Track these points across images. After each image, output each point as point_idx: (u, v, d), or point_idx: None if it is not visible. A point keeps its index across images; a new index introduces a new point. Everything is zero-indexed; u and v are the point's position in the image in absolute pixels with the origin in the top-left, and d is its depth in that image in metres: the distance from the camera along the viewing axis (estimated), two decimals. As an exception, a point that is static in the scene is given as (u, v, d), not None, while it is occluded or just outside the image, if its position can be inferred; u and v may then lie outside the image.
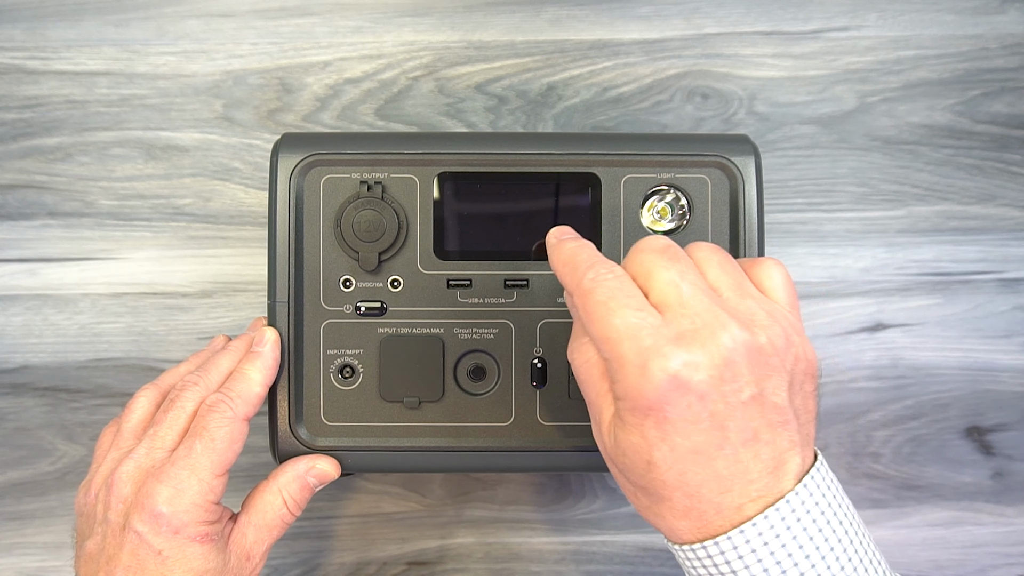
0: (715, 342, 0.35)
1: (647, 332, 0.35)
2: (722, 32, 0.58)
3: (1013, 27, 0.59)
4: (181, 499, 0.41)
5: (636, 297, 0.36)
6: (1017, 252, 0.59)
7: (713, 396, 0.35)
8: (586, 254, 0.39)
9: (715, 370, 0.35)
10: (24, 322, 0.57)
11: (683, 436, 0.35)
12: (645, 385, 0.35)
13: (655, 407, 0.35)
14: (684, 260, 0.38)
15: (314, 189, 0.48)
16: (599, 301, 0.36)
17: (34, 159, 0.57)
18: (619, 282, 0.37)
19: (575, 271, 0.38)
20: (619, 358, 0.35)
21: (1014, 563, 0.58)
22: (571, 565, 0.58)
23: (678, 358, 0.35)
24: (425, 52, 0.58)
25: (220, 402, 0.44)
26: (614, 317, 0.36)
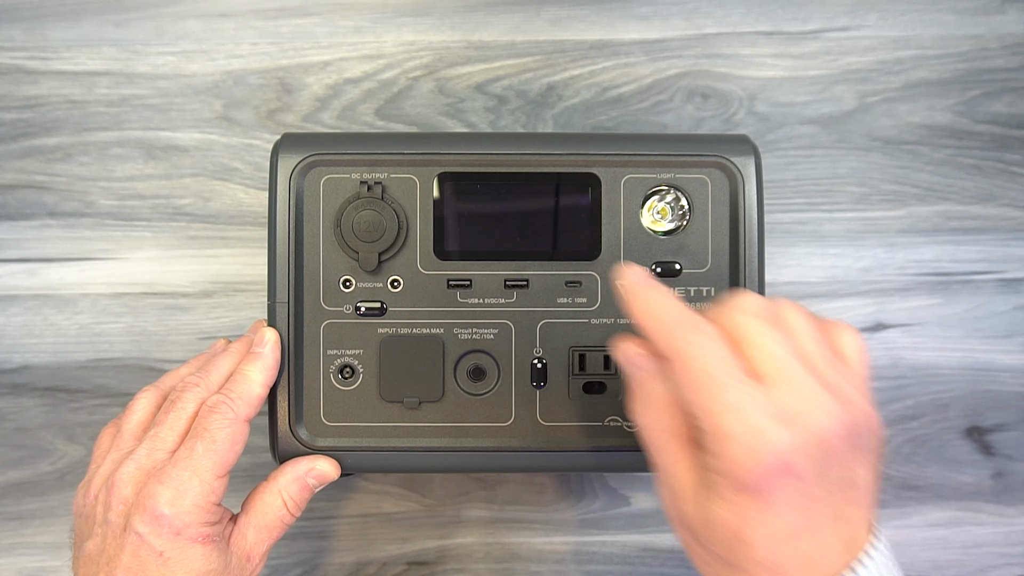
0: (818, 424, 0.35)
1: (754, 409, 0.34)
2: (722, 32, 0.58)
3: (1013, 27, 0.59)
4: (183, 500, 0.41)
5: (732, 365, 0.35)
6: (1017, 252, 0.59)
7: (814, 479, 0.35)
8: (674, 309, 0.37)
9: (819, 452, 0.35)
10: (24, 322, 0.57)
11: (781, 518, 0.35)
12: (752, 465, 0.34)
13: (761, 488, 0.34)
14: (780, 326, 0.37)
15: (314, 189, 0.48)
16: (703, 371, 0.35)
17: (34, 159, 0.57)
18: (721, 351, 0.36)
19: (670, 331, 0.37)
20: (724, 434, 0.34)
21: (1014, 563, 0.58)
22: (571, 565, 0.58)
23: (785, 440, 0.34)
24: (425, 52, 0.58)
25: (221, 403, 0.44)
26: (721, 391, 0.35)
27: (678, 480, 0.37)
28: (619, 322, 0.48)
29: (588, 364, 0.48)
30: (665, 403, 0.38)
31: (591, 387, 0.48)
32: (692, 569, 0.58)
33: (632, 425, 0.48)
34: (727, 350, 0.36)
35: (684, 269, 0.48)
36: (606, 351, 0.48)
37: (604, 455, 0.48)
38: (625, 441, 0.48)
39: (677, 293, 0.48)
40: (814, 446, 0.34)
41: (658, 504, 0.58)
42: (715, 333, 0.36)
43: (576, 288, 0.48)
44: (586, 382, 0.48)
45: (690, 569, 0.58)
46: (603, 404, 0.48)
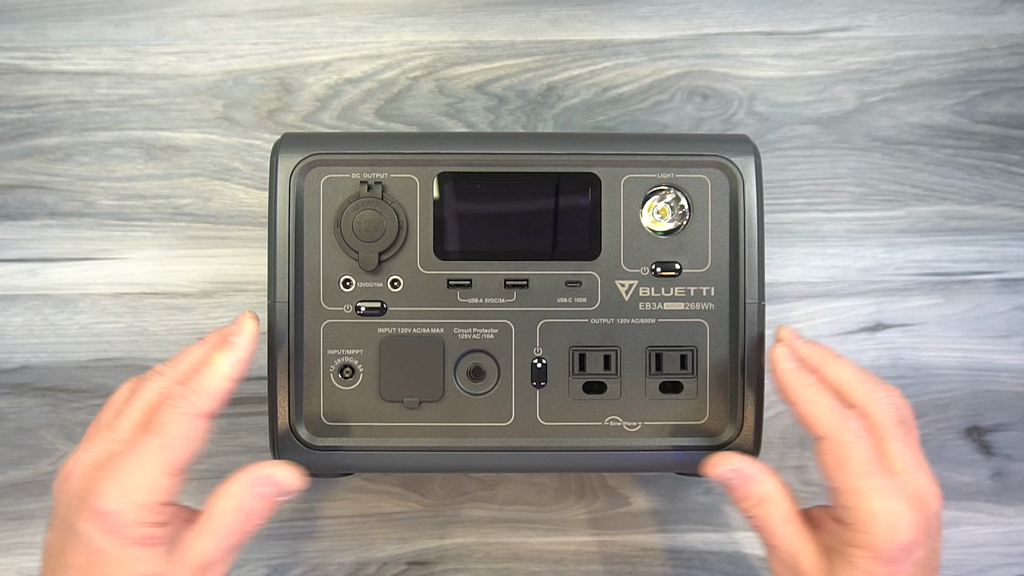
0: (931, 507, 0.42)
1: (896, 495, 0.41)
2: (722, 32, 0.58)
3: (1013, 27, 0.59)
4: (126, 497, 0.39)
5: (875, 460, 0.42)
6: (1017, 252, 0.59)
7: (927, 553, 0.41)
8: (832, 399, 0.43)
9: (931, 529, 0.42)
10: (24, 322, 0.57)
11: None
12: (895, 543, 0.40)
13: (897, 559, 0.40)
14: (911, 430, 0.44)
15: (314, 189, 0.48)
16: (859, 458, 0.41)
17: (34, 159, 0.57)
18: (868, 444, 0.42)
19: (831, 416, 0.42)
20: (872, 514, 0.40)
21: (1014, 563, 0.58)
22: (571, 565, 0.58)
23: (916, 522, 0.40)
24: (425, 52, 0.58)
25: (179, 396, 0.41)
26: (873, 476, 0.41)
27: (804, 558, 0.42)
28: (619, 322, 0.48)
29: (588, 364, 0.48)
30: (779, 495, 0.43)
31: (591, 387, 0.48)
32: (691, 569, 0.58)
33: (633, 425, 0.48)
34: (871, 442, 0.42)
35: (684, 269, 0.48)
36: (606, 351, 0.48)
37: (604, 455, 0.48)
38: (625, 441, 0.48)
39: (679, 291, 0.48)
40: (930, 526, 0.41)
41: (658, 504, 0.58)
42: (862, 427, 0.42)
43: (576, 288, 0.48)
44: (586, 382, 0.48)
45: (690, 569, 0.58)
46: (603, 404, 0.48)
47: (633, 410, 0.48)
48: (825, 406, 0.43)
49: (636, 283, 0.48)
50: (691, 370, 0.48)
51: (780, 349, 0.45)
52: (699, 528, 0.58)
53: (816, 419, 0.42)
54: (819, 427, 0.42)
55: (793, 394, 0.43)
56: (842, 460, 0.41)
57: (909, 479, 0.42)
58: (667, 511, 0.58)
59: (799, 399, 0.43)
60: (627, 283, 0.48)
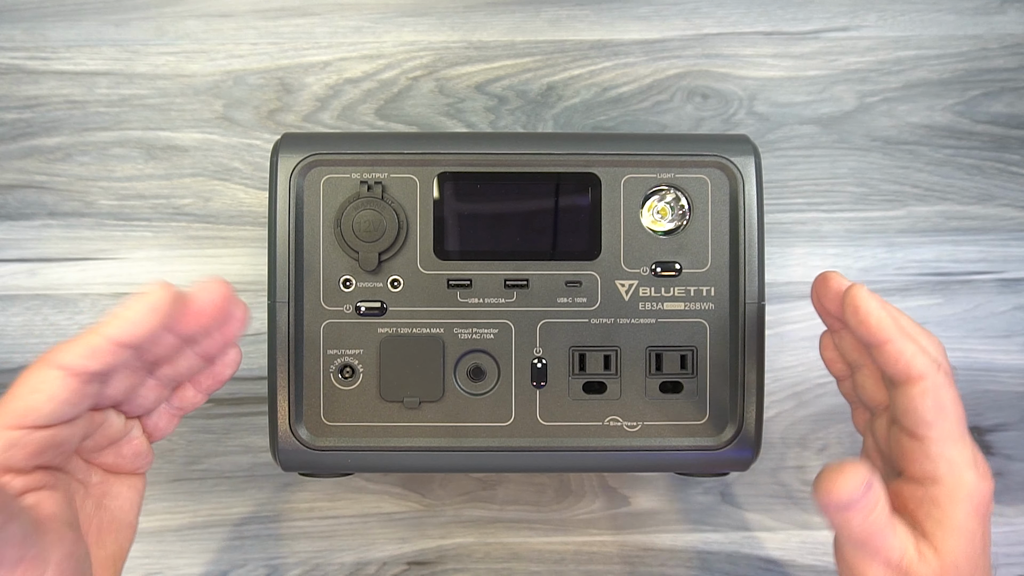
0: (990, 480, 0.39)
1: (973, 451, 0.39)
2: (722, 32, 0.58)
3: (1013, 27, 0.59)
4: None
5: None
6: (1017, 252, 0.59)
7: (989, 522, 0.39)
8: (922, 341, 0.40)
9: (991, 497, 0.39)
10: (24, 322, 0.57)
11: (989, 541, 0.39)
12: (987, 488, 0.38)
13: (988, 510, 0.38)
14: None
15: (314, 189, 0.48)
16: (955, 401, 0.39)
17: (34, 159, 0.57)
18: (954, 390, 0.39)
19: (930, 356, 0.39)
20: (967, 461, 0.38)
21: (1014, 563, 0.58)
22: (571, 565, 0.58)
23: (988, 479, 0.39)
24: (425, 52, 0.58)
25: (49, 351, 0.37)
26: (964, 423, 0.39)
27: (910, 549, 0.38)
28: (619, 322, 0.48)
29: (588, 364, 0.48)
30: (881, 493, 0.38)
31: (591, 387, 0.48)
32: (692, 569, 0.58)
33: (632, 425, 0.48)
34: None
35: (684, 269, 0.48)
36: (606, 351, 0.48)
37: (604, 455, 0.48)
38: (625, 441, 0.48)
39: (679, 292, 0.48)
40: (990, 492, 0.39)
41: (658, 504, 0.58)
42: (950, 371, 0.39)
43: (576, 288, 0.48)
44: (586, 382, 0.48)
45: (689, 569, 0.58)
46: (603, 404, 0.48)
47: (633, 410, 0.48)
48: (917, 346, 0.39)
49: (636, 283, 0.48)
50: (691, 370, 0.48)
51: (862, 288, 0.40)
52: (699, 528, 0.58)
53: (914, 360, 0.38)
54: (916, 367, 0.38)
55: (887, 332, 0.39)
56: (941, 403, 0.38)
57: (974, 448, 0.39)
58: (667, 511, 0.58)
59: (894, 337, 0.39)
60: (627, 283, 0.48)
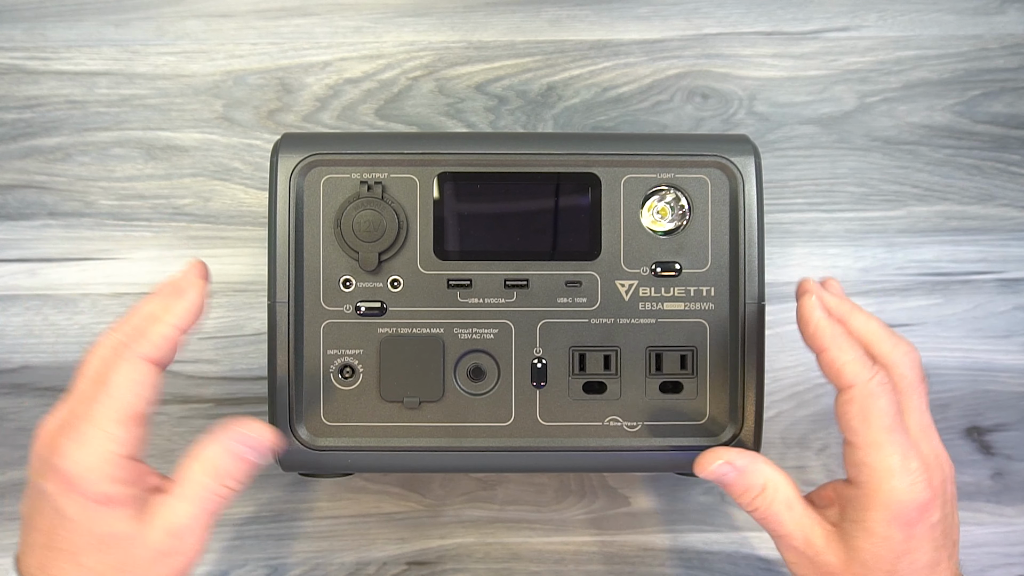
0: (945, 472, 0.42)
1: (913, 454, 0.40)
2: (722, 32, 0.58)
3: (1013, 27, 0.59)
4: (83, 453, 0.37)
5: (898, 415, 0.41)
6: (1017, 252, 0.59)
7: (941, 518, 0.41)
8: (858, 351, 0.41)
9: (943, 496, 0.41)
10: (24, 322, 0.57)
11: (923, 552, 0.40)
12: (911, 502, 0.39)
13: (913, 521, 0.39)
14: (926, 390, 0.43)
15: (314, 189, 0.48)
16: (883, 411, 0.40)
17: (34, 159, 0.57)
18: (893, 396, 0.41)
19: (860, 366, 0.41)
20: (888, 470, 0.40)
21: (1014, 563, 0.58)
22: (571, 565, 0.58)
23: (931, 484, 0.40)
24: (425, 52, 0.58)
25: (122, 343, 0.40)
26: (895, 431, 0.40)
27: (816, 537, 0.42)
28: (619, 322, 0.48)
29: (588, 364, 0.48)
30: (778, 480, 0.43)
31: (591, 387, 0.48)
32: (691, 569, 0.58)
33: (632, 425, 0.48)
34: (895, 397, 0.41)
35: (684, 269, 0.48)
36: (606, 351, 0.48)
37: (604, 455, 0.48)
38: (625, 441, 0.48)
39: (680, 291, 0.48)
40: (945, 490, 0.41)
41: (658, 504, 0.58)
42: (888, 380, 0.41)
43: (576, 288, 0.48)
44: (586, 382, 0.48)
45: (690, 569, 0.58)
46: (603, 404, 0.48)
47: (633, 410, 0.48)
48: (854, 355, 0.41)
49: (636, 283, 0.48)
50: (691, 370, 0.48)
51: (810, 299, 0.42)
52: (699, 528, 0.58)
53: (844, 368, 0.41)
54: (846, 376, 0.41)
55: (822, 342, 0.41)
56: (866, 411, 0.40)
57: (923, 440, 0.41)
58: (667, 511, 0.58)
59: (828, 346, 0.41)
60: (627, 283, 0.48)
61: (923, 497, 0.39)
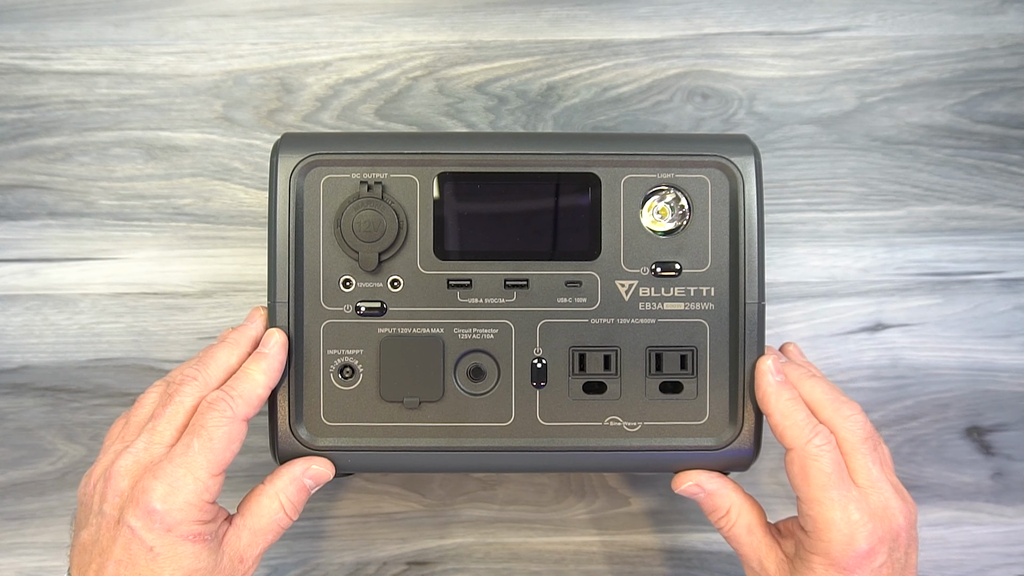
0: (894, 521, 0.44)
1: (855, 506, 0.43)
2: (722, 32, 0.58)
3: (1013, 27, 0.59)
4: (175, 497, 0.41)
5: (843, 470, 0.44)
6: (1017, 252, 0.59)
7: (887, 562, 0.43)
8: (804, 414, 0.45)
9: (893, 543, 0.44)
10: (24, 322, 0.57)
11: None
12: (850, 551, 0.43)
13: (852, 568, 0.43)
14: (877, 447, 0.46)
15: (314, 189, 0.48)
16: (823, 471, 0.44)
17: (34, 159, 0.57)
18: (837, 455, 0.44)
19: (800, 430, 0.45)
20: (829, 523, 0.43)
21: (1014, 563, 0.58)
22: (571, 565, 0.58)
23: (875, 533, 0.43)
24: (425, 52, 0.58)
25: (221, 400, 0.43)
26: (833, 488, 0.43)
27: (769, 564, 0.46)
28: (619, 322, 0.48)
29: (588, 364, 0.48)
30: (742, 506, 0.47)
31: (591, 387, 0.48)
32: (691, 569, 0.58)
33: (632, 425, 0.48)
34: (839, 457, 0.44)
35: (684, 269, 0.48)
36: (606, 351, 0.48)
37: (604, 455, 0.48)
38: (625, 441, 0.48)
39: (679, 291, 0.48)
40: (891, 538, 0.44)
41: (658, 504, 0.58)
42: (831, 441, 0.44)
43: (576, 288, 0.48)
44: (586, 382, 0.48)
45: (690, 569, 0.58)
46: (603, 404, 0.48)
47: (633, 410, 0.48)
48: (797, 419, 0.45)
49: (636, 283, 0.48)
50: (691, 370, 0.48)
51: (766, 362, 0.47)
52: (699, 528, 0.58)
53: (787, 431, 0.45)
54: (789, 439, 0.45)
55: (770, 406, 0.46)
56: (806, 471, 0.44)
57: (872, 493, 0.44)
58: (667, 511, 0.58)
59: (774, 411, 0.46)
60: (627, 283, 0.48)
61: (863, 547, 0.43)
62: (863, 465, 0.45)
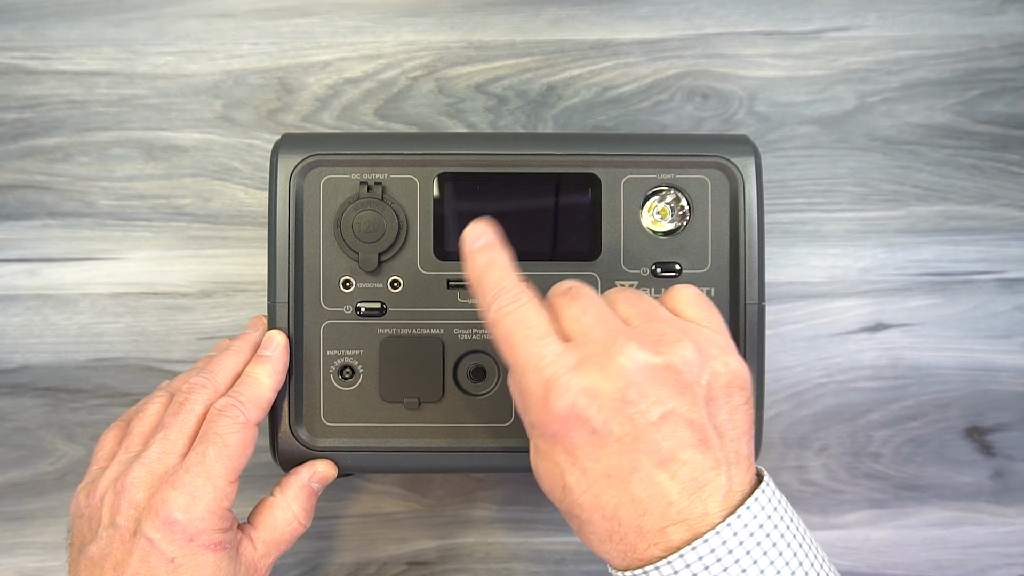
0: (615, 364, 0.36)
1: (548, 361, 0.36)
2: (722, 32, 0.58)
3: (1013, 27, 0.59)
4: (196, 506, 0.41)
5: (539, 327, 0.37)
6: (1017, 252, 0.59)
7: (618, 419, 0.35)
8: (494, 275, 0.39)
9: (618, 393, 0.35)
10: (24, 322, 0.57)
11: (592, 460, 0.36)
12: (548, 414, 0.36)
13: (560, 435, 0.36)
14: (587, 296, 0.39)
15: (314, 190, 0.48)
16: (504, 334, 0.38)
17: (34, 159, 0.57)
18: (521, 312, 0.38)
19: (484, 295, 0.39)
20: (525, 388, 0.37)
21: (1014, 563, 0.59)
22: (571, 565, 0.58)
23: (577, 384, 0.36)
24: (425, 52, 0.58)
25: (231, 406, 0.43)
26: (517, 349, 0.37)
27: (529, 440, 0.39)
28: (619, 322, 0.48)
29: (588, 364, 0.48)
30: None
31: (591, 387, 0.48)
32: (692, 569, 0.58)
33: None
34: (533, 312, 0.38)
35: (684, 269, 0.48)
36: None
37: (604, 455, 0.48)
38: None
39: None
40: (615, 388, 0.35)
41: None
42: (523, 298, 0.38)
43: (576, 288, 0.48)
44: (586, 382, 0.48)
45: (690, 569, 0.58)
46: (603, 404, 0.48)
47: (633, 410, 0.48)
48: (489, 280, 0.39)
49: (636, 284, 0.48)
50: (691, 370, 0.48)
51: (470, 227, 0.41)
52: (699, 528, 0.58)
53: (484, 298, 0.39)
54: (485, 307, 0.39)
55: (472, 270, 0.40)
56: (501, 336, 0.38)
57: (585, 343, 0.37)
58: (667, 511, 0.58)
59: (468, 271, 0.40)
60: (627, 284, 0.48)
61: (560, 407, 0.36)
62: (567, 318, 0.38)
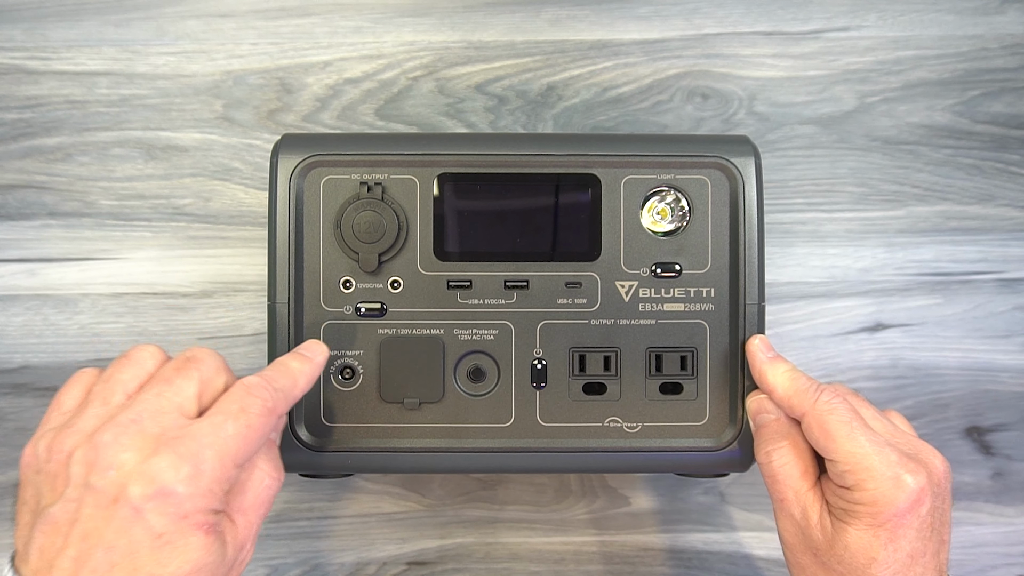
0: (934, 466, 0.42)
1: (890, 450, 0.41)
2: (722, 32, 0.58)
3: (1013, 27, 0.59)
4: (199, 480, 0.35)
5: (866, 422, 0.43)
6: (1017, 252, 0.59)
7: (930, 513, 0.42)
8: (805, 379, 0.45)
9: (935, 491, 0.42)
10: (24, 322, 0.57)
11: (907, 541, 0.41)
12: (898, 495, 0.41)
13: (900, 514, 0.41)
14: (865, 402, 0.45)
15: (314, 190, 0.48)
16: (843, 421, 0.42)
17: (34, 159, 0.57)
18: (850, 406, 0.43)
19: (805, 395, 0.44)
20: (868, 470, 0.41)
21: (1014, 563, 0.59)
22: (571, 565, 0.58)
23: (920, 476, 0.41)
24: (425, 52, 0.58)
25: (263, 388, 0.39)
26: (861, 435, 0.42)
27: (808, 510, 0.43)
28: (619, 323, 0.48)
29: (588, 365, 0.48)
30: (794, 447, 0.44)
31: (591, 388, 0.48)
32: (691, 569, 0.58)
33: (632, 426, 0.48)
34: (854, 407, 0.43)
35: (684, 270, 0.48)
36: (606, 352, 0.48)
37: (604, 456, 0.48)
38: (625, 442, 0.48)
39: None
40: (934, 486, 0.42)
41: (657, 504, 0.58)
42: (840, 394, 0.43)
43: (576, 289, 0.48)
44: (586, 383, 0.48)
45: (690, 569, 0.58)
46: (603, 405, 0.48)
47: (633, 411, 0.48)
48: (799, 386, 0.44)
49: (636, 284, 0.48)
50: (691, 371, 0.48)
51: (754, 342, 0.47)
52: (699, 528, 0.58)
53: (793, 399, 0.44)
54: (798, 406, 0.44)
55: (769, 382, 0.46)
56: (826, 427, 0.42)
57: (902, 443, 0.43)
58: (667, 511, 0.58)
59: (776, 385, 0.45)
60: (627, 284, 0.48)
61: (911, 488, 0.41)
62: (871, 416, 0.44)
